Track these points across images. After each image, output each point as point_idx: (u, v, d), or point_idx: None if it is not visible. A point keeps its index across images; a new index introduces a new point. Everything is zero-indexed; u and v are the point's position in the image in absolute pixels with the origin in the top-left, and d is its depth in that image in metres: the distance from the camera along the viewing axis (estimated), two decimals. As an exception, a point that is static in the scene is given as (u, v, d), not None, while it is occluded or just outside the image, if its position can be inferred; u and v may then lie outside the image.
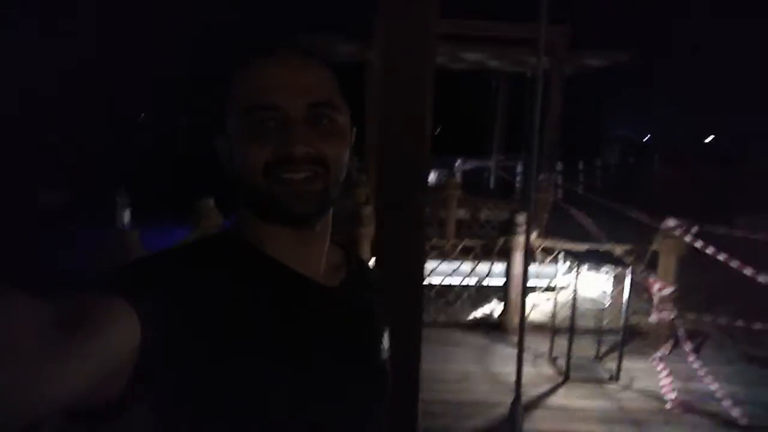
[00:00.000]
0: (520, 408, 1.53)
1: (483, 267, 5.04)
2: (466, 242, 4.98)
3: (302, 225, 0.73)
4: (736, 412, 3.28)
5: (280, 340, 0.68)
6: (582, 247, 4.55)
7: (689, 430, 3.27)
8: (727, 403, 3.36)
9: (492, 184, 12.27)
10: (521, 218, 4.39)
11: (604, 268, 4.00)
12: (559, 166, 9.94)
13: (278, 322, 0.69)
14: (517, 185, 11.03)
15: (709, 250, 4.10)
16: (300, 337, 0.70)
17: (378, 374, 0.81)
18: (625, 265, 3.96)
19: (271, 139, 0.67)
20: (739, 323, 4.11)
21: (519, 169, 11.08)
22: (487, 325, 4.82)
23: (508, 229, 4.74)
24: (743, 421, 3.23)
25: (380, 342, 0.84)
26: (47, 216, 9.76)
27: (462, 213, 7.81)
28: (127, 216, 4.02)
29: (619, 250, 4.66)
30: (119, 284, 0.61)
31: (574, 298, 3.91)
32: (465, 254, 5.03)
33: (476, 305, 5.09)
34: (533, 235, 4.93)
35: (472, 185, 10.51)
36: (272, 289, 0.71)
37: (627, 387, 3.80)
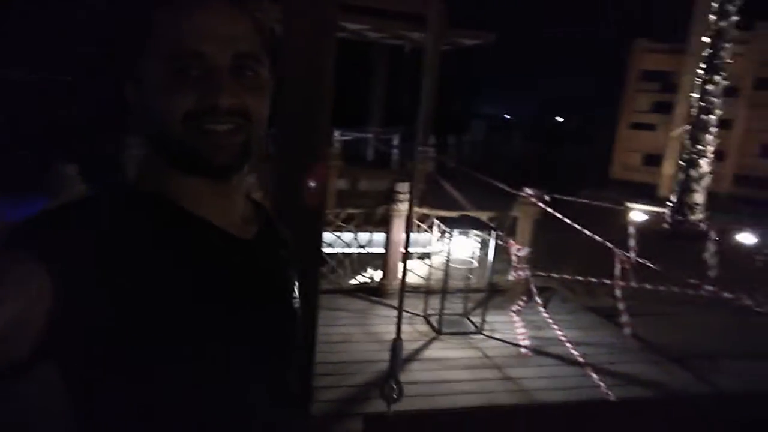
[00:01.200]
0: (401, 344, 1.74)
1: (363, 235, 5.27)
2: (347, 211, 5.16)
3: (221, 177, 0.71)
4: (576, 353, 3.89)
5: (198, 292, 0.68)
6: (453, 214, 4.96)
7: (540, 369, 3.82)
8: (569, 346, 3.96)
9: (370, 156, 12.57)
10: (401, 188, 4.65)
11: (472, 233, 4.43)
12: (431, 140, 10.48)
13: (196, 274, 0.68)
14: (394, 157, 11.44)
15: (558, 216, 4.72)
16: (217, 289, 0.70)
17: (290, 323, 0.83)
18: (489, 230, 4.42)
19: (194, 88, 0.65)
20: (580, 278, 4.82)
21: (395, 141, 11.48)
22: (367, 290, 5.08)
23: (387, 198, 4.99)
24: (580, 359, 3.84)
25: (292, 293, 0.85)
26: None
27: (342, 183, 7.98)
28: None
29: (484, 216, 5.15)
30: (27, 241, 0.59)
31: (447, 261, 4.29)
32: (346, 223, 5.21)
33: (357, 272, 5.32)
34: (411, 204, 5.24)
35: (351, 156, 10.69)
36: (188, 241, 0.70)
37: (490, 337, 4.29)
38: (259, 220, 0.83)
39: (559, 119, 34.59)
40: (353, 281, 5.21)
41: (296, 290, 0.87)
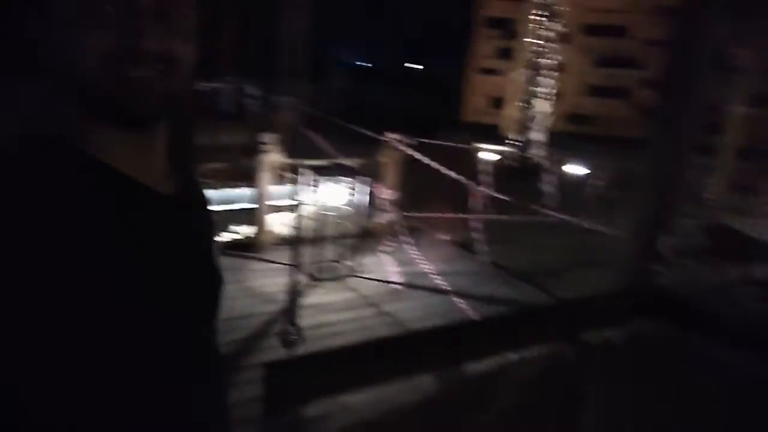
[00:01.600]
0: (297, 290, 1.79)
1: (230, 191, 5.11)
2: (210, 167, 4.95)
3: (142, 127, 0.64)
4: (441, 283, 4.24)
5: (128, 253, 0.61)
6: (322, 163, 5.00)
7: (413, 300, 4.13)
8: (436, 278, 4.31)
9: (226, 108, 11.98)
10: (266, 139, 4.56)
11: (342, 180, 4.52)
12: (294, 89, 10.27)
13: (124, 233, 0.62)
14: (253, 108, 11.05)
15: (421, 158, 4.99)
16: (148, 249, 0.64)
17: (216, 281, 0.80)
18: (358, 176, 4.54)
19: (113, 29, 0.57)
20: (441, 215, 5.19)
21: (253, 92, 11.07)
22: (239, 246, 4.98)
23: (251, 151, 4.87)
24: (447, 288, 4.21)
25: (212, 249, 0.81)
26: None
27: (201, 138, 7.56)
28: None
29: (352, 163, 5.26)
30: None
31: (318, 210, 4.35)
32: (210, 179, 5.01)
33: (227, 228, 5.18)
34: (278, 156, 5.17)
35: (206, 109, 10.11)
36: (110, 199, 0.62)
37: (365, 278, 4.49)
38: (175, 175, 0.75)
39: (416, 66, 35.68)
40: (224, 239, 5.07)
41: (213, 247, 0.82)
